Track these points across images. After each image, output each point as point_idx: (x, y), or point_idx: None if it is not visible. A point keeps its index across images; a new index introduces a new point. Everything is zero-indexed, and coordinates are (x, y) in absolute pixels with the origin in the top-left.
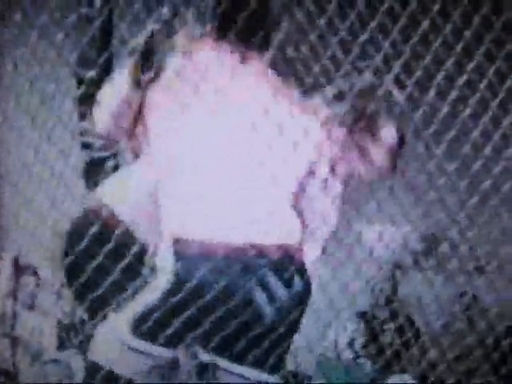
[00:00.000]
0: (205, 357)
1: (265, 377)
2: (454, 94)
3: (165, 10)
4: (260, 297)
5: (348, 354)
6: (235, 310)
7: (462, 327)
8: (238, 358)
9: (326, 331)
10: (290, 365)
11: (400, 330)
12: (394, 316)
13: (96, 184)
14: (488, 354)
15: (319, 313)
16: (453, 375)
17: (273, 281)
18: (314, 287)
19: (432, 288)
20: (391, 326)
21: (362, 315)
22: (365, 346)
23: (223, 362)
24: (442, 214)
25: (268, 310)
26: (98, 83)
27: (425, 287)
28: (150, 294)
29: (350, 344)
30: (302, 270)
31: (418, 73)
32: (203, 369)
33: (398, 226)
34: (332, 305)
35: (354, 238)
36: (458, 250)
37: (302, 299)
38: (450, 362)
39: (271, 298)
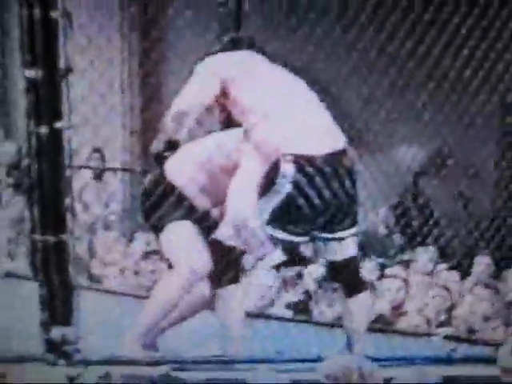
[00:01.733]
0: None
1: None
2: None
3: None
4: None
5: (383, 231)
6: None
7: (464, 216)
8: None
9: (367, 215)
10: None
11: (424, 216)
12: (419, 206)
13: None
14: (481, 235)
15: (365, 202)
16: (462, 248)
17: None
18: (359, 186)
19: (443, 189)
20: (417, 212)
21: (396, 205)
22: (396, 225)
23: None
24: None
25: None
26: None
27: (439, 188)
28: (278, 196)
29: (385, 222)
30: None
31: None
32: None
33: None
34: (372, 197)
35: (388, 156)
36: (459, 162)
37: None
38: (461, 238)
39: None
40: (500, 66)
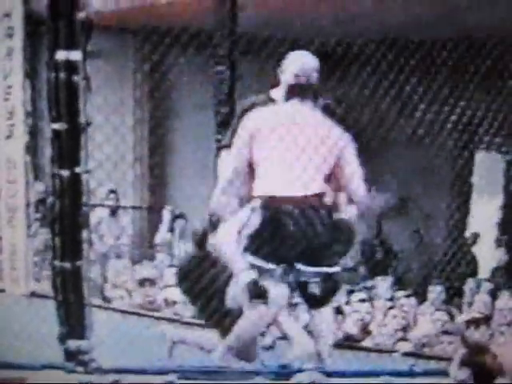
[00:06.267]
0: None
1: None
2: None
3: None
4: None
5: (350, 262)
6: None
7: (419, 251)
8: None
9: None
10: None
11: (384, 252)
12: (381, 243)
13: None
14: (434, 267)
15: None
16: (418, 278)
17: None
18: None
19: (402, 228)
20: (379, 249)
21: (362, 242)
22: (361, 257)
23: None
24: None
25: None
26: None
27: (398, 228)
28: (249, 229)
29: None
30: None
31: None
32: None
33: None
34: None
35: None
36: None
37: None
38: (413, 270)
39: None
40: (448, 126)
